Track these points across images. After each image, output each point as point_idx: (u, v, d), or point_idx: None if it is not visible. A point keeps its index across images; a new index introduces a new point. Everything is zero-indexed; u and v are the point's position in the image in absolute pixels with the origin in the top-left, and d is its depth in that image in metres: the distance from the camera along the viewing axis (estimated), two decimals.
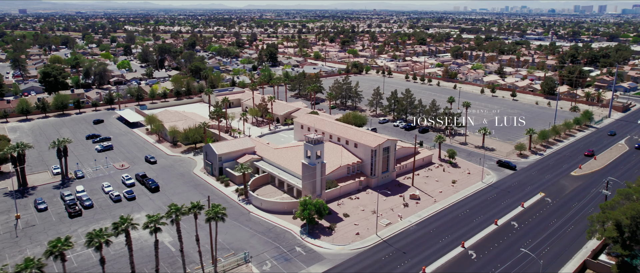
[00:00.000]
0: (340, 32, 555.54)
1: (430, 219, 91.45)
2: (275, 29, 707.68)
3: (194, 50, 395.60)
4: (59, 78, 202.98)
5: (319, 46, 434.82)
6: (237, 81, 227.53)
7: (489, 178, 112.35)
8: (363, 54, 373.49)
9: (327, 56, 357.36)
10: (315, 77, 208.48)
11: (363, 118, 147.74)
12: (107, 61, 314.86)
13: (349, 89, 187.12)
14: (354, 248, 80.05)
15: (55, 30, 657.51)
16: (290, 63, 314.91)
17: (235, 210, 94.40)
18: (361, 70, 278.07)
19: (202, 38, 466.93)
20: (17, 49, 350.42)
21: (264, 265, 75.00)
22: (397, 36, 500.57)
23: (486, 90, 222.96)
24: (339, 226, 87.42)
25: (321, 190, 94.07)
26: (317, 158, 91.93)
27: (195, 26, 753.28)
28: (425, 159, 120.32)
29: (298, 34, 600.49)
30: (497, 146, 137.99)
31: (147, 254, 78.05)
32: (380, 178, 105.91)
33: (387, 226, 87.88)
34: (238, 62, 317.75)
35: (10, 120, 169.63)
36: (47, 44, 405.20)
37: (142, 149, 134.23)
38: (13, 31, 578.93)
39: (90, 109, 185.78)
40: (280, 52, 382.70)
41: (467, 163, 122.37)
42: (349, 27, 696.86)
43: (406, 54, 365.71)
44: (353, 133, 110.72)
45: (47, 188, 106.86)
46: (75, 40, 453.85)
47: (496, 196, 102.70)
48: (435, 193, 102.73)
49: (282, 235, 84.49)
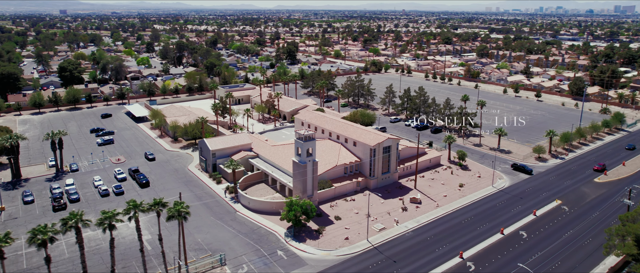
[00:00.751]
0: (365, 32, 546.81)
1: (429, 225, 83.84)
2: (300, 29, 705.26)
3: (215, 48, 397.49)
4: (74, 73, 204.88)
5: (341, 45, 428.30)
6: (250, 78, 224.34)
7: (500, 183, 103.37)
8: (385, 52, 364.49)
9: (347, 54, 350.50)
10: (327, 75, 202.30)
11: (371, 116, 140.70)
12: (128, 57, 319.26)
13: (361, 87, 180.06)
14: (340, 254, 73.61)
15: (88, 29, 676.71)
16: (308, 61, 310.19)
17: (221, 208, 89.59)
18: (380, 68, 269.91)
19: (225, 36, 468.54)
20: (46, 46, 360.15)
21: (240, 269, 69.63)
22: (422, 35, 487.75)
23: (509, 90, 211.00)
24: (328, 229, 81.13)
25: (313, 190, 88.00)
26: (308, 155, 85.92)
27: (222, 25, 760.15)
28: (432, 161, 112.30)
29: (322, 33, 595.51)
30: (514, 148, 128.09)
31: (122, 252, 74.04)
32: (380, 180, 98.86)
33: (381, 231, 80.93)
34: (256, 60, 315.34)
35: (24, 113, 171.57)
36: (75, 42, 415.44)
37: (143, 144, 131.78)
38: (48, 30, 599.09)
39: (102, 104, 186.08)
40: (301, 51, 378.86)
41: (479, 166, 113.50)
42: (374, 27, 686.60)
43: (429, 53, 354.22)
44: (353, 130, 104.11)
45: (39, 180, 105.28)
46: (102, 38, 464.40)
47: (506, 202, 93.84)
48: (439, 197, 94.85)
49: (266, 237, 78.94)
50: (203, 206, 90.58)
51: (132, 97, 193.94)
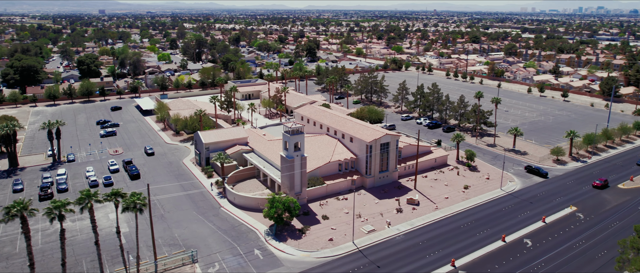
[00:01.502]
0: (391, 30, 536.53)
1: (424, 229, 77.17)
2: (327, 28, 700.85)
3: (238, 45, 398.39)
4: (91, 66, 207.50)
5: (366, 43, 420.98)
6: (265, 74, 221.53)
7: (510, 186, 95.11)
8: (409, 51, 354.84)
9: (369, 52, 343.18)
10: (341, 71, 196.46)
11: (379, 112, 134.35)
12: (151, 53, 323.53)
13: (374, 83, 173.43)
14: (320, 256, 68.22)
15: (121, 27, 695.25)
16: (328, 58, 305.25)
17: (206, 203, 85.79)
18: (400, 66, 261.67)
19: (249, 34, 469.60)
20: (75, 42, 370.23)
21: (211, 267, 65.37)
22: (449, 34, 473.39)
23: (534, 89, 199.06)
24: (313, 229, 75.84)
25: (301, 186, 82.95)
26: (295, 150, 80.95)
27: (250, 24, 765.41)
28: (438, 160, 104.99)
29: (348, 32, 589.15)
30: (531, 149, 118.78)
31: (86, 244, 71.26)
32: (378, 178, 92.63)
33: (369, 233, 74.95)
34: (275, 57, 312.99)
35: (39, 104, 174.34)
36: (104, 38, 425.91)
37: (144, 137, 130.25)
38: (82, 27, 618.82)
39: (115, 97, 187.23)
40: (323, 49, 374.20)
41: (489, 167, 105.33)
42: (402, 27, 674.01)
43: (454, 51, 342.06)
44: (351, 126, 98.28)
45: (35, 169, 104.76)
46: (130, 35, 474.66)
47: (514, 207, 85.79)
48: (440, 199, 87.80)
49: (246, 234, 74.45)
50: (188, 200, 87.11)
51: (145, 91, 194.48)
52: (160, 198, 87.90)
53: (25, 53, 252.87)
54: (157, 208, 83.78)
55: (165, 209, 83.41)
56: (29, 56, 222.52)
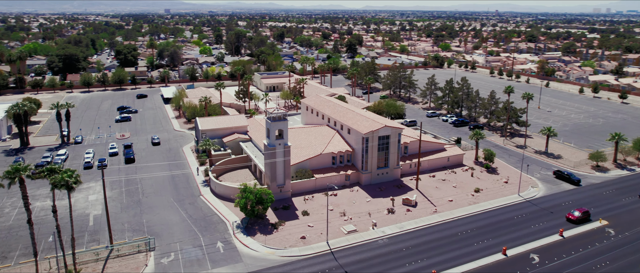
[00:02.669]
0: (443, 29, 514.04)
1: (413, 233, 67.62)
2: (378, 26, 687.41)
3: (282, 41, 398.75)
4: (128, 56, 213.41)
5: (413, 41, 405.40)
6: (298, 68, 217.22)
7: (531, 191, 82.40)
8: (457, 49, 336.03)
9: (413, 49, 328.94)
10: (371, 65, 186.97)
11: (399, 107, 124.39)
12: (194, 47, 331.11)
13: (403, 78, 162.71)
14: (285, 255, 61.13)
15: (180, 24, 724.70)
16: (369, 55, 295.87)
17: (187, 191, 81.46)
18: (442, 63, 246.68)
19: (295, 31, 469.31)
20: (128, 36, 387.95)
21: (166, 257, 60.43)
22: (502, 32, 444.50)
23: (587, 90, 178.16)
24: (289, 225, 68.87)
25: (284, 178, 76.22)
26: (278, 138, 74.40)
27: (302, 22, 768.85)
28: (451, 159, 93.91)
29: (399, 30, 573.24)
30: (567, 153, 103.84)
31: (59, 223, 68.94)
32: (375, 175, 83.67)
33: (349, 234, 66.71)
34: (314, 52, 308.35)
35: (75, 91, 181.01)
36: (157, 33, 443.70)
37: (156, 123, 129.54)
38: (141, 23, 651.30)
39: (146, 86, 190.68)
40: (367, 46, 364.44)
41: (511, 170, 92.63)
42: (457, 26, 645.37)
43: (506, 50, 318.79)
44: (351, 116, 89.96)
45: (42, 149, 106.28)
46: (183, 31, 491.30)
47: (529, 215, 73.59)
48: (442, 202, 77.44)
49: (215, 225, 68.96)
50: (171, 187, 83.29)
51: (176, 81, 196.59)
52: (145, 183, 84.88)
53: (77, 44, 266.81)
54: (137, 193, 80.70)
55: (145, 194, 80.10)
56: (73, 46, 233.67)
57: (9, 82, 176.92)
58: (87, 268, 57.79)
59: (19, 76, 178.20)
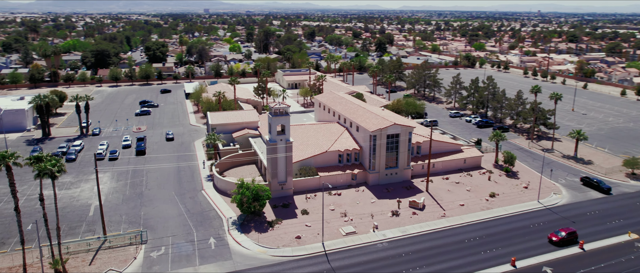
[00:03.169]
0: (479, 29, 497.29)
1: (416, 238, 63.44)
2: (412, 26, 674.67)
3: (313, 39, 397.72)
4: (157, 53, 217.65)
5: (447, 41, 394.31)
6: (323, 66, 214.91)
7: (552, 199, 76.09)
8: (491, 49, 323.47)
9: (446, 49, 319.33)
10: (396, 63, 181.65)
11: (418, 106, 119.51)
12: (225, 44, 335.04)
13: (428, 77, 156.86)
14: (277, 254, 58.58)
15: (217, 23, 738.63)
16: (398, 53, 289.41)
17: (190, 185, 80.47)
18: (473, 63, 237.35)
19: (327, 29, 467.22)
20: (163, 34, 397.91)
21: (156, 251, 59.23)
22: (540, 32, 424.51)
23: (630, 92, 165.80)
24: (286, 223, 66.31)
25: (286, 175, 73.73)
26: (279, 133, 72.02)
27: (337, 21, 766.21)
28: (468, 161, 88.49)
29: (434, 30, 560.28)
30: (599, 159, 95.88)
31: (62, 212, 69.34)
32: (383, 175, 79.72)
33: (347, 236, 63.38)
34: (342, 50, 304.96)
35: (103, 85, 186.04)
36: (191, 32, 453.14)
37: (174, 118, 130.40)
38: (177, 22, 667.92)
39: (171, 81, 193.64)
40: (399, 45, 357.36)
41: (533, 175, 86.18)
42: (496, 27, 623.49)
43: (544, 50, 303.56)
44: (361, 113, 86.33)
45: (61, 140, 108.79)
46: (217, 29, 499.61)
47: (547, 225, 67.66)
48: (452, 206, 72.64)
49: (210, 221, 67.34)
50: (175, 180, 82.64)
51: (200, 77, 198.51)
52: (150, 176, 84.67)
53: (112, 41, 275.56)
54: (141, 185, 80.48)
55: (148, 186, 79.72)
56: (108, 42, 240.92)
57: (44, 76, 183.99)
58: (76, 258, 57.45)
59: (53, 70, 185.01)
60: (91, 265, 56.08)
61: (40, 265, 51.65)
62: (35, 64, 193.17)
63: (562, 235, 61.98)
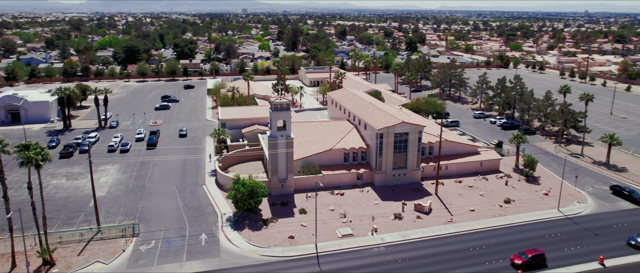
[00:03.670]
0: (518, 29, 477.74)
1: (416, 244, 59.38)
2: (449, 26, 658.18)
3: (344, 38, 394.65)
4: (184, 49, 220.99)
5: (482, 40, 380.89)
6: (348, 64, 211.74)
7: (576, 208, 69.78)
8: (529, 49, 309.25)
9: (480, 48, 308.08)
10: (423, 63, 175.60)
11: (439, 105, 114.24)
12: (255, 42, 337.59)
13: (453, 76, 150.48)
14: (266, 254, 56.19)
15: (252, 22, 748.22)
16: (429, 53, 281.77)
17: (192, 179, 79.52)
18: (507, 63, 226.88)
19: (358, 28, 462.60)
20: (196, 32, 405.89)
21: (146, 244, 58.23)
22: (584, 32, 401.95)
23: None
24: (281, 222, 63.87)
25: (286, 172, 71.30)
26: (280, 129, 69.69)
27: (371, 21, 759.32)
28: (485, 164, 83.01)
29: (471, 30, 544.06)
30: (635, 166, 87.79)
31: (64, 202, 69.95)
32: (390, 176, 75.79)
33: (343, 238, 60.17)
34: (371, 49, 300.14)
35: (131, 80, 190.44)
36: (224, 30, 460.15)
37: (191, 113, 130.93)
38: (211, 20, 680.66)
39: (197, 77, 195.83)
40: (432, 44, 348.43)
41: (556, 180, 79.68)
42: (537, 27, 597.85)
43: (587, 51, 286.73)
44: (370, 111, 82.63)
45: (79, 131, 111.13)
46: (252, 28, 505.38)
47: (565, 236, 61.83)
48: (462, 211, 67.90)
49: (206, 217, 65.84)
50: (179, 173, 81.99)
51: (225, 74, 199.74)
52: (156, 169, 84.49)
53: (145, 38, 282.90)
54: (146, 177, 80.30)
55: (152, 179, 79.42)
56: (142, 39, 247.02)
57: (77, 70, 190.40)
58: (67, 247, 57.24)
59: (84, 65, 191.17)
60: (80, 255, 55.67)
61: (25, 255, 51.53)
62: (69, 59, 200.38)
63: (526, 257, 53.32)
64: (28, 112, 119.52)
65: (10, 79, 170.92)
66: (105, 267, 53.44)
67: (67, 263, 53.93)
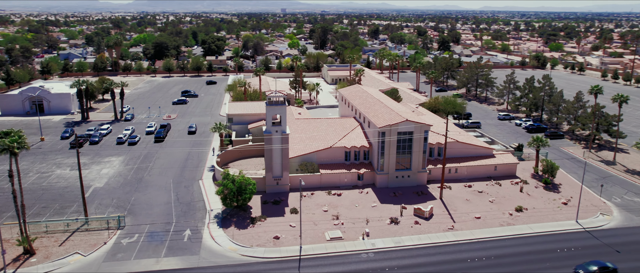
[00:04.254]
0: (562, 30, 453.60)
1: (409, 252, 54.88)
2: (488, 26, 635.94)
3: (376, 37, 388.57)
4: (211, 46, 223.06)
5: (521, 41, 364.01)
6: (373, 62, 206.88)
7: (598, 220, 62.87)
8: (571, 50, 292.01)
9: (517, 48, 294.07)
10: (449, 61, 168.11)
11: (458, 105, 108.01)
12: (286, 40, 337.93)
13: (480, 75, 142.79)
14: (247, 254, 53.49)
15: (289, 22, 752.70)
16: (463, 52, 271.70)
17: (191, 174, 78.14)
18: (544, 63, 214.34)
19: (392, 28, 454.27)
20: (230, 30, 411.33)
21: (129, 238, 56.94)
22: (636, 33, 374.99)
23: None
24: (270, 221, 61.03)
25: (281, 170, 68.42)
26: (274, 124, 66.91)
27: (409, 21, 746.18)
28: (500, 169, 76.83)
29: (512, 30, 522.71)
30: None
31: (61, 191, 70.26)
32: (393, 177, 71.32)
33: (330, 241, 56.58)
34: (401, 48, 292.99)
35: (157, 75, 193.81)
36: (257, 28, 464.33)
37: (207, 108, 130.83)
38: (246, 20, 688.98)
39: (221, 73, 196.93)
40: (467, 44, 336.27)
41: (580, 189, 72.50)
42: (584, 28, 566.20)
43: (637, 51, 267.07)
44: (376, 108, 78.32)
45: (95, 123, 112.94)
46: (286, 27, 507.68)
47: (580, 251, 55.41)
48: (467, 218, 62.63)
49: (195, 212, 63.99)
50: (180, 168, 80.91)
51: (249, 70, 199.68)
52: (158, 162, 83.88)
53: (178, 35, 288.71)
54: (146, 170, 79.71)
55: (151, 172, 78.69)
56: (174, 36, 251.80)
57: (107, 65, 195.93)
58: (51, 237, 56.80)
59: (114, 60, 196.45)
60: (61, 245, 55.06)
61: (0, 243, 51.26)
62: (101, 54, 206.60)
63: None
64: (51, 103, 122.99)
65: (45, 73, 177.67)
66: (83, 259, 52.45)
67: (47, 253, 53.38)
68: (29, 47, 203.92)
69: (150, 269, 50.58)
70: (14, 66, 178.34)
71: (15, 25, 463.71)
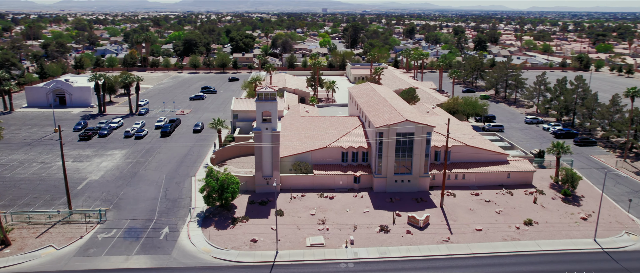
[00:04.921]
0: (614, 30, 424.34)
1: (394, 264, 50.03)
2: (533, 26, 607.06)
3: (411, 36, 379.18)
4: (239, 43, 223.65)
5: (567, 41, 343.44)
6: (399, 61, 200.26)
7: (622, 240, 55.27)
8: (621, 51, 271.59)
9: (560, 49, 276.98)
10: (478, 61, 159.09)
11: (479, 106, 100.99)
12: (317, 39, 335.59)
13: (510, 76, 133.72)
14: (218, 257, 50.56)
15: (327, 21, 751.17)
16: (500, 53, 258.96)
17: (186, 170, 76.45)
18: (587, 65, 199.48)
19: (428, 27, 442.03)
20: (263, 28, 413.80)
21: (106, 233, 55.50)
22: None
23: None
24: (252, 223, 57.89)
25: (271, 169, 65.14)
26: (264, 120, 63.73)
27: (450, 21, 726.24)
28: (514, 176, 69.95)
29: (558, 31, 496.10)
30: None
31: (57, 183, 70.37)
32: (392, 181, 66.28)
33: (310, 247, 52.66)
34: (435, 47, 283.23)
35: (184, 71, 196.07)
36: (293, 27, 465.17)
37: (223, 104, 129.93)
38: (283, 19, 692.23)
39: (246, 71, 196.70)
40: (506, 44, 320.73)
41: (606, 202, 64.59)
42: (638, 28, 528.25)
43: None
44: (379, 107, 73.36)
45: (110, 117, 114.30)
46: (322, 25, 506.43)
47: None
48: (466, 230, 56.84)
49: (178, 210, 61.85)
50: (176, 163, 79.48)
51: (278, 68, 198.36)
52: (157, 157, 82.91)
53: (210, 33, 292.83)
54: (143, 165, 78.80)
55: (147, 168, 77.63)
56: (207, 34, 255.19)
57: (137, 61, 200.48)
58: (31, 229, 56.24)
59: (143, 56, 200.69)
60: (38, 238, 54.29)
61: None
62: (131, 50, 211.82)
63: None
64: (72, 96, 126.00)
65: (78, 68, 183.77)
66: (55, 253, 51.33)
67: (22, 245, 52.73)
68: (63, 42, 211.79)
69: (117, 267, 48.67)
70: (50, 61, 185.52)
71: (67, 24, 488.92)
